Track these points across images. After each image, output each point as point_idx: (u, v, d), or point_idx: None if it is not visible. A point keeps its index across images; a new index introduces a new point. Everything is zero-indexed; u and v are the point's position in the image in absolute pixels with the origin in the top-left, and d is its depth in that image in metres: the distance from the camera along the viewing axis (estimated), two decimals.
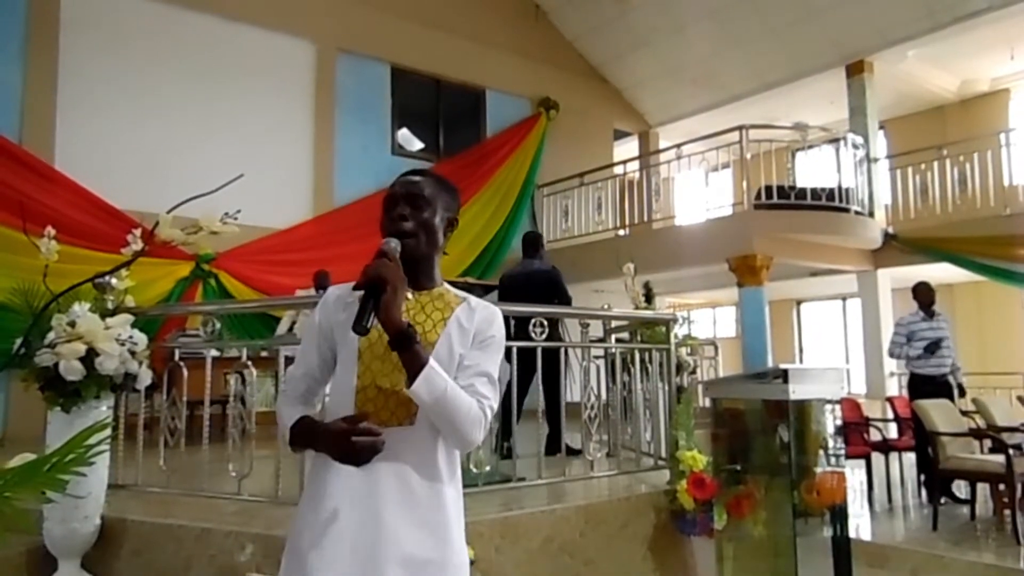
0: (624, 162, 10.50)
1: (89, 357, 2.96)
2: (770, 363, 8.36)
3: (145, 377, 3.22)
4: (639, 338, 4.69)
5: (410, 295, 1.52)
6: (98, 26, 7.33)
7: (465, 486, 1.57)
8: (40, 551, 3.10)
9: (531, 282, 5.47)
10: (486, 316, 1.57)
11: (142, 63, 7.56)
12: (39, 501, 1.31)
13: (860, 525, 4.77)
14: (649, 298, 5.34)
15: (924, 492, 5.64)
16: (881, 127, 10.59)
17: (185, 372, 3.77)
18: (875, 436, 6.05)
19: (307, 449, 1.51)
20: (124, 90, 7.43)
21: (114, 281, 3.33)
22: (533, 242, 5.86)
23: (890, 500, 5.61)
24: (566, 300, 5.45)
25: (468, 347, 1.52)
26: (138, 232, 3.05)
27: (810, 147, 9.84)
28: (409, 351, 1.39)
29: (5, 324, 3.46)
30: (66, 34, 7.13)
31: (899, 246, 9.07)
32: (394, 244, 1.47)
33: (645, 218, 9.80)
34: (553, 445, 4.61)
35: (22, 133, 6.82)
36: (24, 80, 6.90)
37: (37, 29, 7.00)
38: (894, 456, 6.14)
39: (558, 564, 3.37)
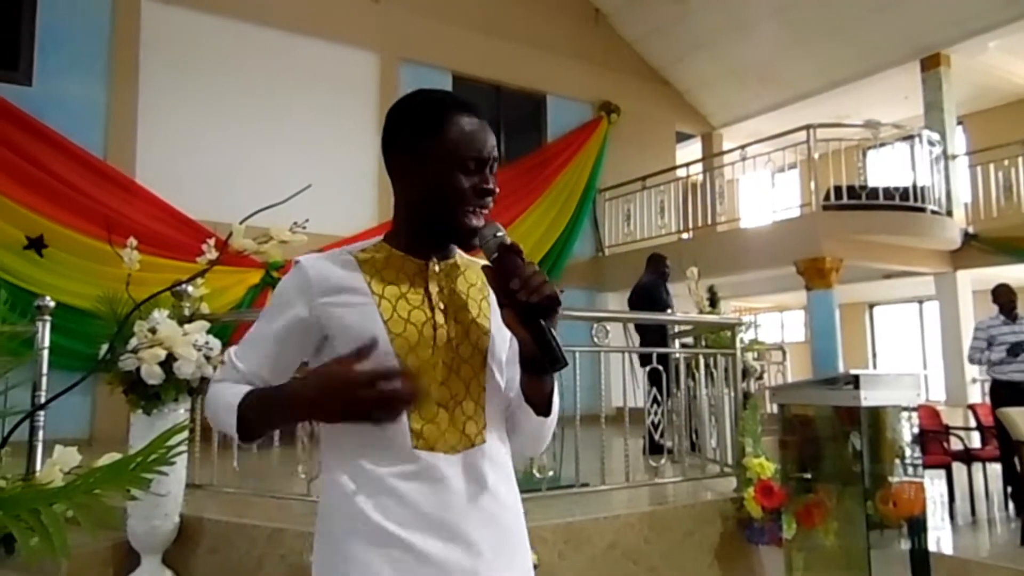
0: (687, 164, 10.35)
1: (168, 362, 3.09)
2: (841, 368, 8.09)
3: None
4: (704, 343, 4.61)
5: (437, 268, 1.19)
6: (174, 45, 7.67)
7: (528, 491, 1.56)
8: (124, 546, 3.25)
9: (633, 294, 6.24)
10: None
11: (213, 79, 7.88)
12: (124, 498, 1.38)
13: (941, 538, 4.56)
14: (714, 302, 5.26)
15: (1011, 505, 5.35)
16: (959, 122, 10.13)
17: None
18: (956, 445, 5.79)
19: (266, 429, 1.13)
20: (197, 105, 7.75)
21: (191, 289, 3.46)
22: (647, 260, 6.68)
23: (973, 513, 5.34)
24: (659, 309, 5.81)
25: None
26: (212, 242, 3.17)
27: (882, 145, 9.50)
28: (549, 374, 1.14)
29: (92, 330, 3.64)
30: (145, 53, 7.49)
31: (980, 246, 8.65)
32: (503, 233, 1.13)
33: (709, 221, 9.64)
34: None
35: (106, 149, 7.19)
36: (108, 99, 7.28)
37: (120, 50, 7.37)
38: (977, 466, 5.85)
39: (622, 570, 3.35)
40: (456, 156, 1.12)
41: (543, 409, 1.16)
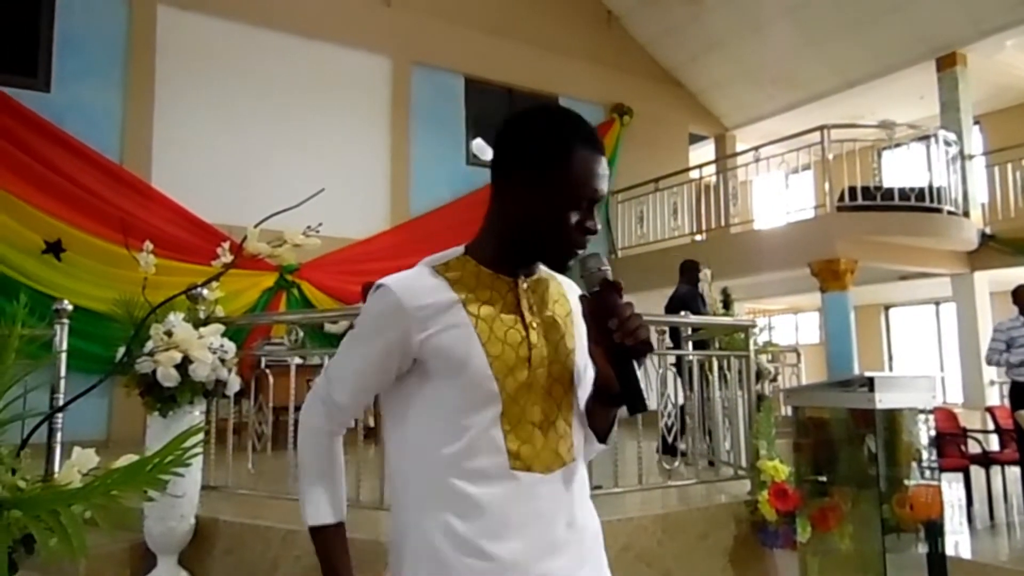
0: (700, 166, 10.32)
1: (184, 364, 3.11)
2: (856, 370, 8.03)
3: (234, 384, 3.37)
4: (717, 345, 4.59)
5: (525, 284, 1.16)
6: (189, 50, 7.74)
7: None
8: (141, 547, 3.28)
9: (669, 304, 6.28)
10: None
11: (228, 83, 7.94)
12: (141, 499, 1.39)
13: (959, 542, 4.51)
14: (727, 304, 5.25)
15: None
16: (976, 122, 10.03)
17: (271, 379, 3.92)
18: (974, 448, 5.73)
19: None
20: (212, 110, 7.82)
21: (206, 292, 3.49)
22: (680, 267, 6.64)
23: (992, 516, 5.28)
24: None
25: None
26: (227, 245, 3.20)
27: (897, 146, 9.42)
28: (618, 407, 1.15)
29: (109, 333, 3.68)
30: (161, 59, 7.56)
31: (998, 247, 8.56)
32: (607, 268, 1.12)
33: (722, 223, 9.59)
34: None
35: (123, 154, 7.27)
36: (124, 104, 7.36)
37: (136, 56, 7.45)
38: (995, 470, 5.78)
39: (635, 573, 3.34)
40: (573, 193, 1.09)
41: (603, 437, 1.18)
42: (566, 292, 1.23)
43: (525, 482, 1.08)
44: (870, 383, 3.16)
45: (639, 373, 1.07)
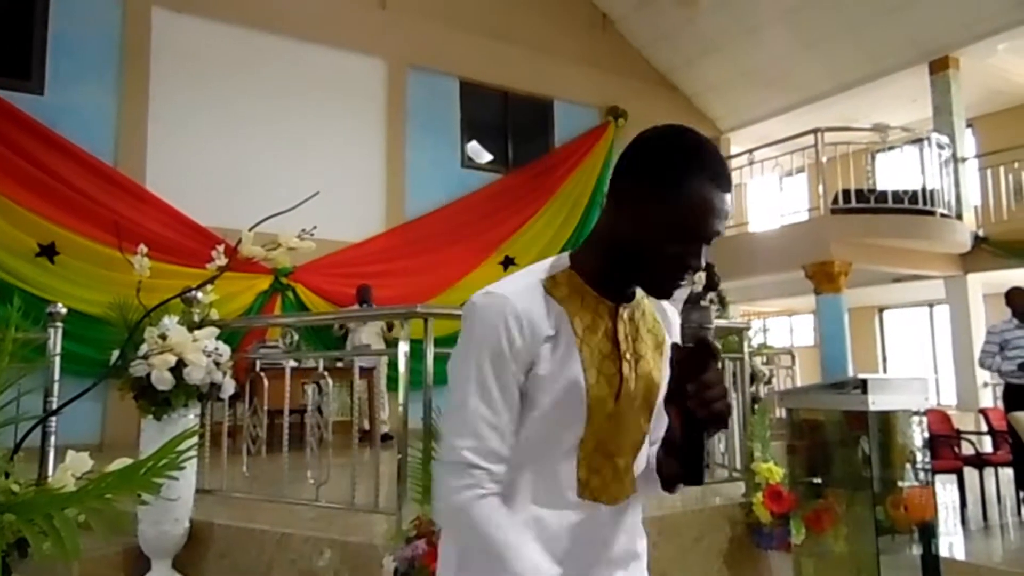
0: None
1: (178, 368, 3.11)
2: (851, 373, 8.05)
3: (229, 387, 3.36)
4: None
5: (625, 312, 1.13)
6: (184, 53, 7.73)
7: None
8: (135, 551, 3.27)
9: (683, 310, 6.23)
10: (678, 322, 1.15)
11: (223, 86, 7.93)
12: (135, 503, 1.39)
13: (953, 544, 4.53)
14: (722, 306, 5.26)
15: None
16: (969, 125, 10.08)
17: (266, 382, 3.92)
18: (968, 450, 5.74)
19: None
20: (207, 112, 7.81)
21: (200, 295, 3.48)
22: None
23: (986, 518, 5.30)
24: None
25: None
26: (222, 248, 3.20)
27: (891, 148, 9.47)
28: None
29: (103, 337, 3.68)
30: (156, 61, 7.55)
31: (991, 249, 8.60)
32: (711, 328, 1.06)
33: None
34: None
35: (117, 156, 7.25)
36: (118, 107, 7.34)
37: (130, 58, 7.44)
38: (989, 472, 5.80)
39: None
40: (684, 225, 1.02)
41: (667, 485, 1.13)
42: (661, 319, 1.19)
43: (590, 512, 1.07)
44: (863, 385, 3.17)
45: (706, 445, 1.04)
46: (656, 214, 1.03)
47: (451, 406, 1.05)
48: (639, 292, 1.15)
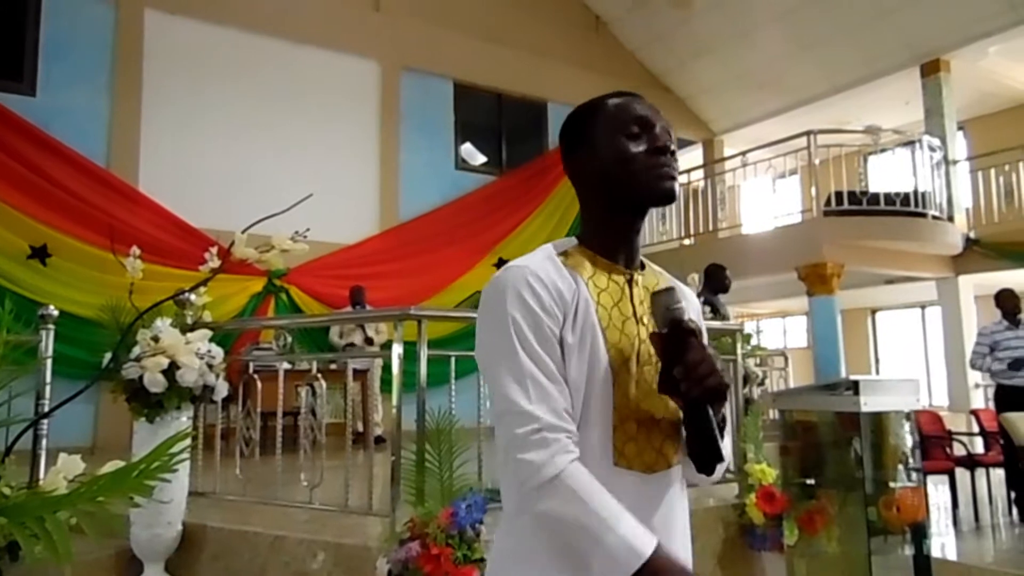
0: (688, 171, 10.36)
1: (171, 370, 3.10)
2: (843, 374, 8.09)
3: (222, 389, 3.36)
4: None
5: (639, 278, 1.14)
6: (177, 55, 7.71)
7: None
8: (127, 554, 3.26)
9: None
10: (697, 305, 1.19)
11: (216, 88, 7.91)
12: (128, 506, 1.39)
13: (945, 544, 4.55)
14: (714, 312, 5.27)
15: (1015, 510, 5.34)
16: (960, 127, 10.15)
17: (259, 384, 3.91)
18: (959, 451, 5.77)
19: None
20: (200, 114, 7.78)
21: (193, 297, 3.48)
22: (704, 273, 6.43)
23: (977, 519, 5.32)
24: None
25: None
26: (215, 250, 3.19)
27: (883, 151, 9.52)
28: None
29: (96, 339, 3.67)
30: (148, 63, 7.53)
31: (982, 251, 8.65)
32: (678, 307, 1.03)
33: (710, 227, 9.65)
34: None
35: (110, 159, 7.22)
36: (111, 108, 7.32)
37: (123, 60, 7.41)
38: (980, 472, 5.83)
39: None
40: (616, 123, 1.11)
41: (703, 467, 1.07)
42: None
43: (626, 480, 1.03)
44: (855, 386, 3.19)
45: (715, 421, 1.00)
46: (603, 140, 1.12)
47: (501, 383, 0.99)
48: (652, 268, 1.19)
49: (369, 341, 7.04)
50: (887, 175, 9.80)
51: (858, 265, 8.18)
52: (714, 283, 6.23)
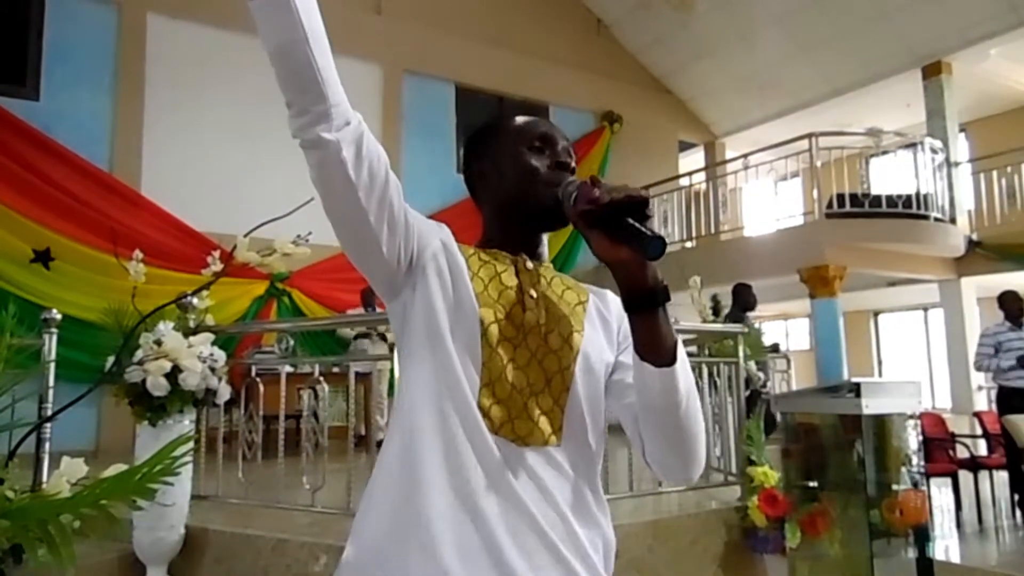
0: (690, 174, 10.37)
1: (173, 373, 3.11)
2: (846, 376, 8.08)
3: (224, 392, 3.36)
4: (707, 352, 4.61)
5: (530, 264, 1.13)
6: (179, 58, 7.73)
7: None
8: (130, 558, 3.26)
9: None
10: (621, 311, 1.06)
11: (218, 91, 7.93)
12: (130, 509, 1.39)
13: (948, 547, 4.54)
14: (716, 311, 5.27)
15: (1018, 513, 5.33)
16: (962, 130, 10.14)
17: (261, 387, 3.92)
18: (962, 453, 5.76)
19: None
20: (202, 118, 7.80)
21: (196, 301, 3.49)
22: (732, 291, 6.67)
23: (980, 521, 5.31)
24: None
25: (616, 350, 1.12)
26: (217, 254, 3.20)
27: (884, 153, 9.51)
28: (662, 311, 0.96)
29: (98, 342, 3.67)
30: (151, 67, 7.55)
31: (984, 253, 8.64)
32: (575, 180, 1.06)
33: (712, 230, 9.65)
34: None
35: (112, 162, 7.24)
36: (114, 112, 7.34)
37: (125, 64, 7.43)
38: (984, 475, 5.82)
39: None
40: (518, 138, 1.15)
41: (662, 357, 0.95)
42: (584, 290, 1.17)
43: (488, 444, 0.98)
44: (857, 389, 3.19)
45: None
46: (507, 153, 1.14)
47: None
48: (570, 280, 1.18)
49: (383, 337, 7.02)
50: (889, 177, 9.79)
51: (860, 267, 8.17)
52: (742, 302, 6.28)
